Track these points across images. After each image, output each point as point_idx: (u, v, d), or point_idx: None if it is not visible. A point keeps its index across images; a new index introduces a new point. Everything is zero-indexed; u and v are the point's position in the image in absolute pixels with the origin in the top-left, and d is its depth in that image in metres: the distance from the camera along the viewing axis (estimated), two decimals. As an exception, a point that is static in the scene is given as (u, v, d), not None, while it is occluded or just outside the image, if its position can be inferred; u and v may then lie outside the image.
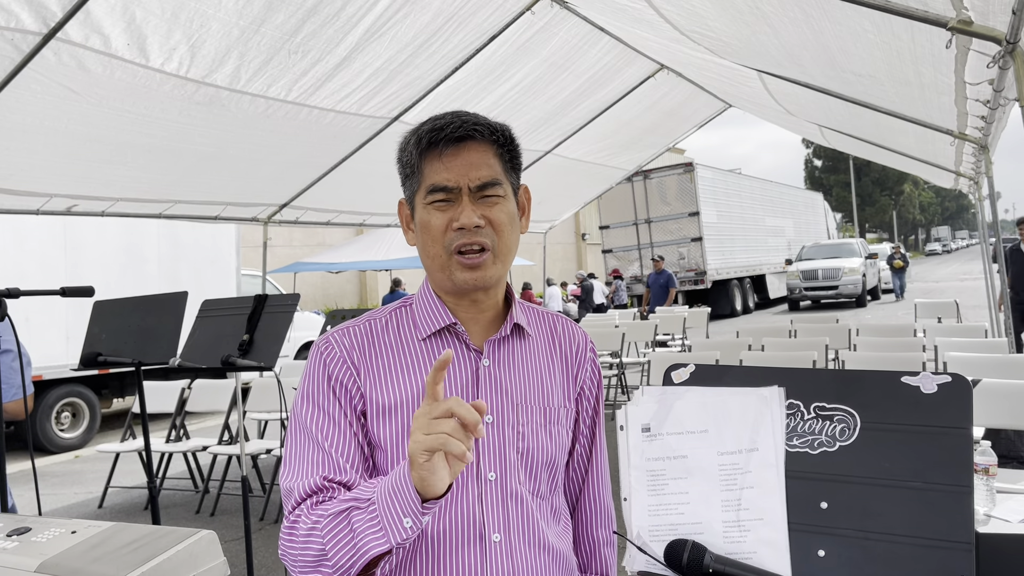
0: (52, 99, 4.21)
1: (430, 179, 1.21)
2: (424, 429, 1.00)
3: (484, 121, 1.23)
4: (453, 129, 1.20)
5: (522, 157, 1.32)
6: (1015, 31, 2.45)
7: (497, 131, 1.24)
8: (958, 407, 1.10)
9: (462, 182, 1.20)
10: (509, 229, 1.24)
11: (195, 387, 6.40)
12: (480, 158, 1.22)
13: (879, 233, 75.81)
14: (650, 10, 4.44)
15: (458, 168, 1.20)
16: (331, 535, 1.09)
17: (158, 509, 3.14)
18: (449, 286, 1.26)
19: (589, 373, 1.38)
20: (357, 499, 1.10)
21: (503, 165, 1.25)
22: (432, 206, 1.21)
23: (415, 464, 1.01)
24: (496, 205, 1.22)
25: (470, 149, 1.21)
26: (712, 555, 1.14)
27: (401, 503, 1.04)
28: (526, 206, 1.33)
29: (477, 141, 1.22)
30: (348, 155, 6.47)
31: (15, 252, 8.13)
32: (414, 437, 1.01)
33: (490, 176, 1.22)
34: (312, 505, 1.14)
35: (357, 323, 1.29)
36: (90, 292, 2.39)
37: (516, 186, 1.30)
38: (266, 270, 7.88)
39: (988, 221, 8.58)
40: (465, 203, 1.20)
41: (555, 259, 31.09)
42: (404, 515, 1.04)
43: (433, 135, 1.21)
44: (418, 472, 1.01)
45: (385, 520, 1.05)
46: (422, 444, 0.99)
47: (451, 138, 1.20)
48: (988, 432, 3.89)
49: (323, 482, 1.16)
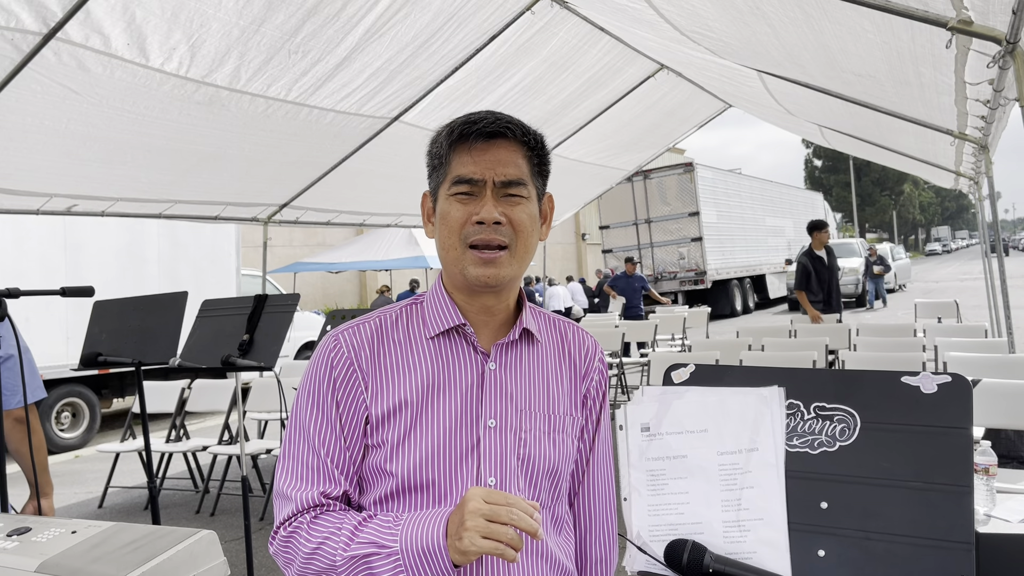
0: (52, 99, 4.21)
1: (456, 170, 1.21)
2: (483, 531, 1.01)
3: (518, 122, 1.23)
4: (486, 124, 1.20)
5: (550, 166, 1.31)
6: (1015, 31, 2.45)
7: (529, 134, 1.24)
8: (958, 407, 1.10)
9: (487, 176, 1.20)
10: (529, 231, 1.23)
11: (195, 387, 6.40)
12: (509, 156, 1.21)
13: (879, 233, 75.79)
14: (650, 10, 4.44)
15: (486, 162, 1.20)
16: (351, 574, 1.11)
17: (158, 509, 3.15)
18: (461, 281, 1.25)
19: (595, 383, 1.37)
20: (377, 544, 1.11)
21: (531, 168, 1.25)
22: (455, 197, 1.21)
23: (460, 552, 1.04)
24: (519, 205, 1.22)
25: (500, 146, 1.21)
26: (712, 555, 1.14)
27: (432, 566, 1.07)
28: (548, 215, 1.32)
29: (508, 139, 1.22)
30: (348, 155, 6.46)
31: (15, 252, 8.13)
32: (470, 537, 1.02)
33: (516, 175, 1.21)
34: (312, 520, 1.17)
35: (367, 320, 1.28)
36: (90, 292, 2.39)
37: (541, 192, 1.29)
38: (266, 270, 7.88)
39: (988, 221, 8.59)
40: (488, 198, 1.20)
41: (555, 259, 31.08)
42: (431, 574, 1.07)
43: (466, 127, 1.21)
44: (460, 559, 1.05)
45: (411, 574, 1.08)
46: (481, 547, 1.01)
47: (483, 132, 1.20)
48: (988, 432, 3.89)
49: (320, 498, 1.19)
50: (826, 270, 8.16)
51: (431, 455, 1.19)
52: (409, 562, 1.07)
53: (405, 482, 1.19)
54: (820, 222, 8.36)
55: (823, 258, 8.14)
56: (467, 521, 1.02)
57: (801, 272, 8.17)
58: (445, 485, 1.19)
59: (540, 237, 1.29)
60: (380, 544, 1.10)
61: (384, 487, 1.21)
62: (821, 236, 8.16)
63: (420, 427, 1.20)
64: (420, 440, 1.20)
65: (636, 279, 13.24)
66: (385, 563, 1.09)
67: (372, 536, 1.12)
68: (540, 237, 1.29)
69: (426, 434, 1.20)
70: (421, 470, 1.19)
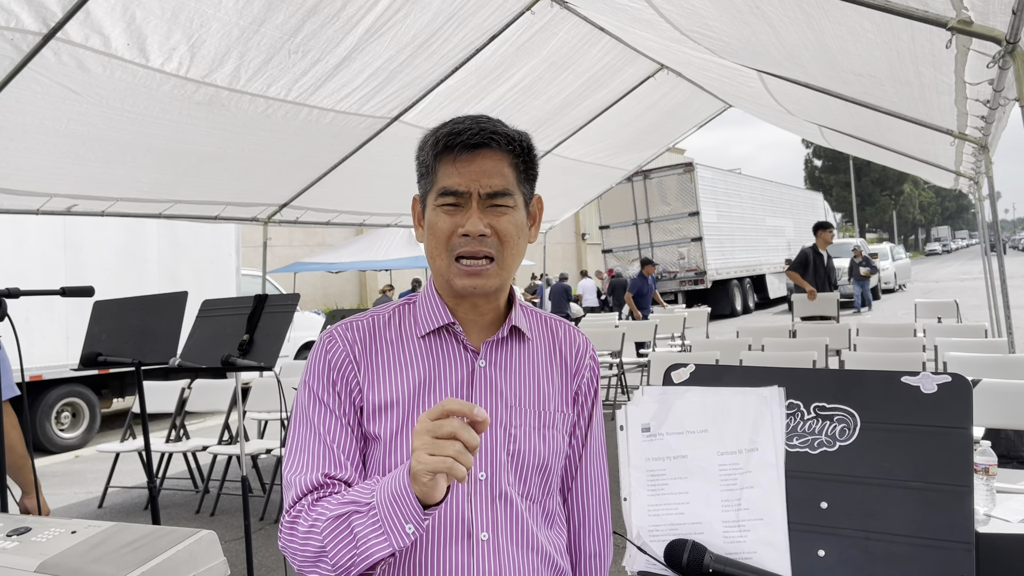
0: (52, 99, 4.21)
1: (442, 182, 1.22)
2: (428, 448, 1.01)
3: (503, 130, 1.23)
4: (470, 135, 1.20)
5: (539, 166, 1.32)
6: (1015, 31, 2.45)
7: (515, 140, 1.24)
8: (958, 407, 1.10)
9: (472, 188, 1.20)
10: (515, 240, 1.25)
11: (195, 387, 6.40)
12: (494, 167, 1.22)
13: (879, 233, 75.81)
14: (650, 10, 4.44)
15: (470, 174, 1.21)
16: (331, 537, 1.10)
17: (158, 509, 3.15)
18: (448, 289, 1.27)
19: (587, 379, 1.38)
20: (356, 503, 1.11)
21: (517, 175, 1.25)
22: (441, 208, 1.22)
23: (417, 480, 1.03)
24: (504, 215, 1.23)
25: (485, 157, 1.22)
26: (712, 555, 1.14)
27: (403, 510, 1.06)
28: (537, 216, 1.33)
29: (493, 149, 1.22)
30: (348, 155, 6.47)
31: (15, 252, 8.13)
32: (417, 456, 1.02)
33: (501, 186, 1.22)
34: (312, 502, 1.16)
35: (361, 318, 1.31)
36: (90, 292, 2.39)
37: (529, 196, 1.30)
38: (266, 270, 7.88)
39: (988, 221, 8.59)
40: (473, 210, 1.21)
41: (555, 259, 31.09)
42: (406, 521, 1.06)
43: (450, 139, 1.21)
44: (420, 488, 1.03)
45: (387, 525, 1.07)
46: (427, 465, 1.01)
47: (467, 144, 1.20)
48: (988, 432, 3.89)
49: (324, 479, 1.19)
50: (823, 267, 8.59)
51: None
52: (384, 514, 1.07)
53: None
54: (827, 223, 8.81)
55: (824, 256, 8.58)
56: (415, 441, 1.03)
57: (801, 258, 8.64)
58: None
59: (529, 240, 1.30)
60: (359, 502, 1.11)
61: None
62: (826, 235, 8.59)
63: (411, 424, 1.22)
64: (411, 436, 1.21)
65: (651, 280, 13.61)
66: (364, 519, 1.09)
67: (352, 496, 1.12)
68: (529, 240, 1.30)
69: None
70: None
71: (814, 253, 8.57)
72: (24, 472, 2.60)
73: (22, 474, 2.60)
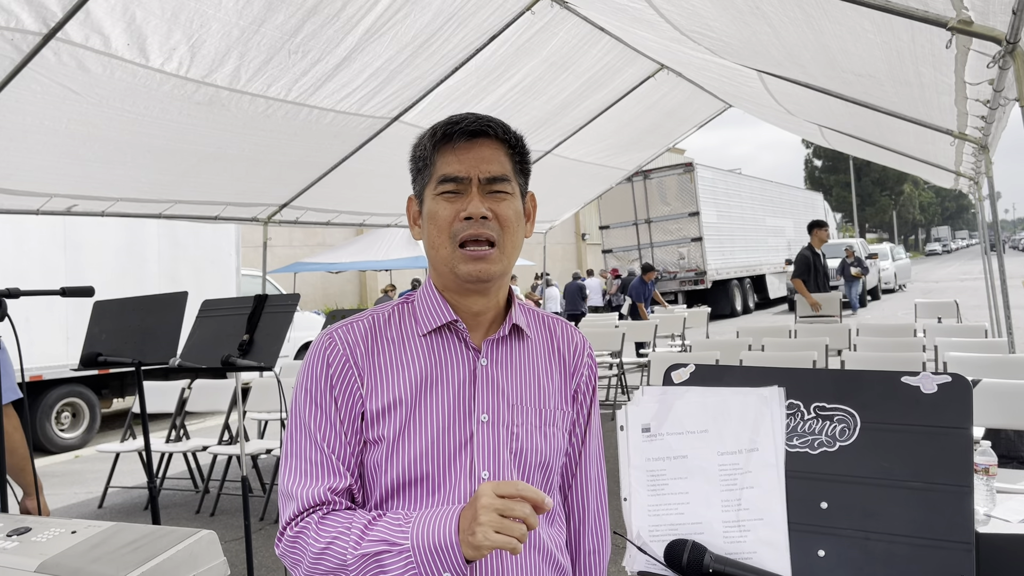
0: (52, 99, 4.21)
1: (441, 170, 1.24)
2: (496, 526, 1.03)
3: (499, 122, 1.27)
4: (468, 124, 1.24)
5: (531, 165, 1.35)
6: (1015, 31, 2.45)
7: (510, 133, 1.28)
8: (958, 407, 1.10)
9: (472, 173, 1.23)
10: (515, 226, 1.27)
11: (195, 387, 6.40)
12: (492, 154, 1.25)
13: (879, 233, 75.80)
14: (650, 10, 4.44)
15: (470, 160, 1.23)
16: (362, 573, 1.12)
17: (158, 509, 3.15)
18: (451, 280, 1.27)
19: (585, 378, 1.39)
20: (388, 542, 1.12)
21: (513, 166, 1.28)
22: (441, 196, 1.24)
23: (477, 550, 1.05)
24: (504, 201, 1.25)
25: (483, 144, 1.25)
26: (712, 555, 1.14)
27: (445, 562, 1.08)
28: (531, 212, 1.36)
29: (490, 138, 1.25)
30: (348, 155, 6.47)
31: (15, 252, 8.13)
32: (484, 531, 1.04)
33: (501, 171, 1.25)
34: (320, 518, 1.18)
35: (360, 318, 1.31)
36: (90, 292, 2.39)
37: (524, 190, 1.32)
38: (266, 270, 7.87)
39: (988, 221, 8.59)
40: (474, 194, 1.23)
41: (555, 259, 31.08)
42: (444, 569, 1.08)
43: (448, 128, 1.25)
44: (474, 553, 1.06)
45: (423, 570, 1.09)
46: (494, 542, 1.03)
47: (465, 132, 1.24)
48: (988, 432, 3.89)
49: (327, 495, 1.19)
50: (821, 267, 8.78)
51: (426, 450, 1.21)
52: (421, 559, 1.08)
53: (402, 477, 1.21)
54: (822, 221, 8.98)
55: (821, 256, 8.77)
56: (480, 516, 1.04)
57: (802, 263, 8.75)
58: (439, 479, 1.21)
59: (525, 234, 1.32)
60: (391, 542, 1.11)
61: (383, 483, 1.22)
62: (821, 234, 8.76)
63: (415, 423, 1.22)
64: (415, 436, 1.22)
65: (651, 284, 13.92)
66: (397, 560, 1.10)
67: (383, 534, 1.13)
68: (525, 234, 1.32)
69: (421, 430, 1.22)
70: (417, 465, 1.21)
71: (812, 254, 8.68)
72: (25, 474, 2.60)
73: (24, 476, 2.61)
